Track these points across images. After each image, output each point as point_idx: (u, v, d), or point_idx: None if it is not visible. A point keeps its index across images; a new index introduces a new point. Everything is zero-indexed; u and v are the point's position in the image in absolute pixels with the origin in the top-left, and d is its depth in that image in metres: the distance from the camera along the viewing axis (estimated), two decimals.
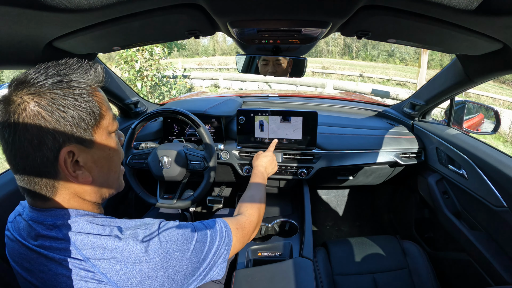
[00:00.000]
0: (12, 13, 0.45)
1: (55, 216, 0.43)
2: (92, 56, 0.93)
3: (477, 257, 1.00)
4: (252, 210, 0.75)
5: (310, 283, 0.81)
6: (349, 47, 31.49)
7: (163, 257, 0.44)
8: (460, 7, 0.47)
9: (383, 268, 1.11)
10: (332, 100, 1.74)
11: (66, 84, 0.41)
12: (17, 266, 0.45)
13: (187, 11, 0.58)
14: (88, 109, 0.43)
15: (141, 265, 0.42)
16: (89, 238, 0.42)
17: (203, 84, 10.22)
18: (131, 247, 0.42)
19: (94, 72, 0.45)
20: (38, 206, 0.44)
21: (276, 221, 1.16)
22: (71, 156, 0.42)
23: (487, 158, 0.96)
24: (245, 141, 1.25)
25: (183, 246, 0.47)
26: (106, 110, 0.47)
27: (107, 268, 0.40)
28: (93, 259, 0.40)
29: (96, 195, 0.48)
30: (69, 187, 0.44)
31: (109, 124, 0.47)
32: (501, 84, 13.60)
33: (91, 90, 0.44)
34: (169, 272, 0.44)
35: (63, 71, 0.42)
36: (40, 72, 0.41)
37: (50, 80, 0.40)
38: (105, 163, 0.48)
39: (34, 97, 0.39)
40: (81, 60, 0.46)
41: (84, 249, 0.41)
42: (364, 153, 1.26)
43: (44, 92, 0.40)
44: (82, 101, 0.42)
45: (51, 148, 0.40)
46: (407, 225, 1.51)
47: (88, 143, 0.44)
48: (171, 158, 1.03)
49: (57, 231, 0.42)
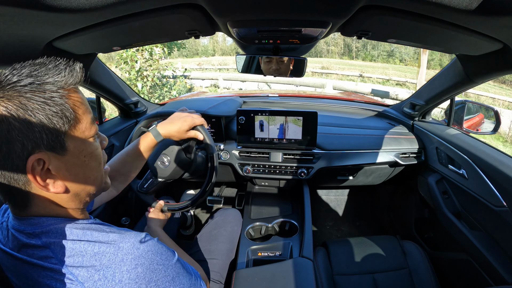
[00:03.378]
0: (12, 13, 0.45)
1: (33, 225, 0.41)
2: (92, 56, 0.93)
3: (477, 257, 1.00)
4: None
5: (310, 283, 0.81)
6: (349, 47, 31.49)
7: (146, 268, 0.41)
8: (460, 7, 0.47)
9: (383, 268, 1.11)
10: (332, 100, 1.74)
11: (36, 87, 0.38)
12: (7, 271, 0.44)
13: (187, 11, 0.58)
14: (60, 113, 0.40)
15: (121, 275, 0.39)
16: (68, 244, 0.40)
17: (203, 84, 10.22)
18: (111, 255, 0.40)
19: (69, 72, 0.42)
20: (18, 215, 0.43)
21: (276, 221, 1.16)
22: (41, 164, 0.39)
23: (487, 158, 0.96)
24: (245, 141, 1.25)
25: (167, 262, 0.45)
26: (82, 113, 0.43)
27: (85, 277, 0.39)
28: (71, 266, 0.39)
29: (74, 202, 0.46)
30: (44, 195, 0.42)
31: (85, 129, 0.44)
32: (501, 84, 13.61)
33: (65, 92, 0.41)
34: (151, 286, 0.41)
35: (36, 72, 0.39)
36: (13, 73, 0.38)
37: (22, 82, 0.38)
38: (80, 170, 0.45)
39: (2, 101, 0.37)
40: (58, 59, 0.42)
41: (63, 256, 0.39)
42: (364, 153, 1.26)
43: (13, 95, 0.37)
44: (53, 105, 0.39)
45: (19, 155, 0.38)
46: (407, 225, 1.51)
47: (60, 149, 0.41)
48: (171, 158, 1.03)
49: (37, 239, 0.41)
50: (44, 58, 0.42)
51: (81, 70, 0.44)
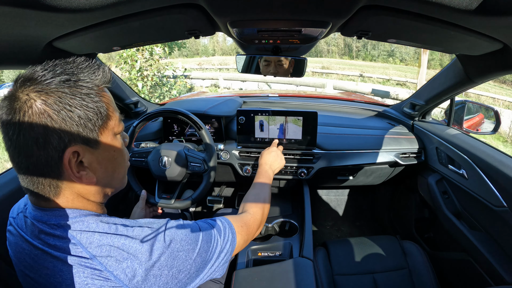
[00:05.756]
0: (12, 13, 0.45)
1: (59, 216, 0.43)
2: (92, 56, 0.93)
3: (477, 257, 1.00)
4: (256, 209, 0.75)
5: (310, 283, 0.81)
6: (349, 47, 31.48)
7: (167, 256, 0.44)
8: (460, 7, 0.47)
9: (383, 268, 1.11)
10: (332, 100, 1.74)
11: (73, 83, 0.41)
12: (18, 262, 0.45)
13: (187, 11, 0.58)
14: (95, 110, 0.42)
15: (146, 263, 0.42)
16: (95, 236, 0.42)
17: (203, 84, 10.22)
18: (137, 245, 0.42)
19: (102, 72, 0.45)
20: (42, 206, 0.43)
21: (276, 221, 1.16)
22: (76, 156, 0.42)
23: (487, 158, 0.96)
24: (245, 141, 1.25)
25: (187, 246, 0.47)
26: (113, 111, 0.46)
27: (113, 265, 0.40)
28: (100, 256, 0.40)
29: (99, 195, 0.48)
30: (73, 187, 0.43)
31: (115, 126, 0.47)
32: (501, 84, 13.60)
33: (99, 90, 0.44)
34: (173, 271, 0.44)
35: (70, 69, 0.42)
36: (47, 70, 0.40)
37: (58, 78, 0.40)
38: (109, 165, 0.47)
39: (41, 95, 0.38)
40: (88, 59, 0.45)
41: (90, 247, 0.41)
42: (364, 153, 1.26)
43: (51, 90, 0.39)
44: (90, 101, 0.42)
45: (56, 147, 0.40)
46: (407, 225, 1.51)
47: (94, 143, 0.43)
48: (171, 158, 1.03)
49: (62, 230, 0.42)
50: (74, 58, 0.44)
51: (110, 71, 0.47)
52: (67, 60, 0.43)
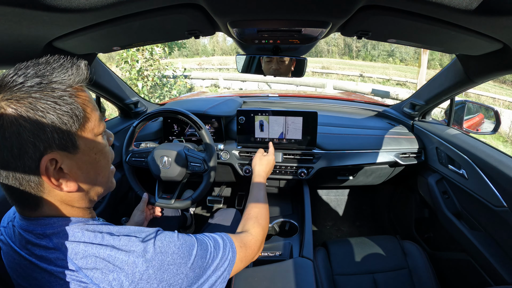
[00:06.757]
0: (12, 13, 0.45)
1: (44, 225, 0.41)
2: (92, 56, 0.93)
3: (477, 257, 1.00)
4: (258, 229, 0.72)
5: (310, 283, 0.81)
6: (349, 47, 31.48)
7: (157, 269, 0.42)
8: (460, 7, 0.47)
9: (383, 268, 1.11)
10: (332, 100, 1.74)
11: (45, 86, 0.38)
12: (11, 271, 0.45)
13: (187, 11, 0.58)
14: (70, 113, 0.39)
15: (134, 276, 0.40)
16: (80, 246, 0.40)
17: (203, 84, 10.22)
18: (123, 256, 0.41)
19: (76, 70, 0.41)
20: (26, 215, 0.42)
21: (276, 221, 1.16)
22: (53, 163, 0.39)
23: (487, 158, 0.96)
24: (245, 141, 1.25)
25: (179, 260, 0.45)
26: (91, 111, 0.43)
27: (99, 278, 0.39)
28: (85, 269, 0.39)
29: (84, 201, 0.46)
30: (55, 195, 0.42)
31: (94, 127, 0.44)
32: (501, 84, 13.59)
33: (73, 91, 0.41)
34: (162, 285, 0.42)
35: (42, 71, 0.39)
36: (18, 74, 0.38)
37: (29, 82, 0.37)
38: (91, 169, 0.45)
39: (11, 103, 0.36)
40: (63, 57, 0.42)
41: (76, 258, 0.39)
42: (364, 153, 1.26)
43: (22, 97, 0.36)
44: (63, 104, 0.39)
45: (32, 156, 0.38)
46: (407, 225, 1.51)
47: (72, 148, 0.41)
48: (171, 158, 1.03)
49: (48, 240, 0.41)
50: (47, 57, 0.41)
51: (86, 68, 0.43)
52: (39, 60, 0.40)
